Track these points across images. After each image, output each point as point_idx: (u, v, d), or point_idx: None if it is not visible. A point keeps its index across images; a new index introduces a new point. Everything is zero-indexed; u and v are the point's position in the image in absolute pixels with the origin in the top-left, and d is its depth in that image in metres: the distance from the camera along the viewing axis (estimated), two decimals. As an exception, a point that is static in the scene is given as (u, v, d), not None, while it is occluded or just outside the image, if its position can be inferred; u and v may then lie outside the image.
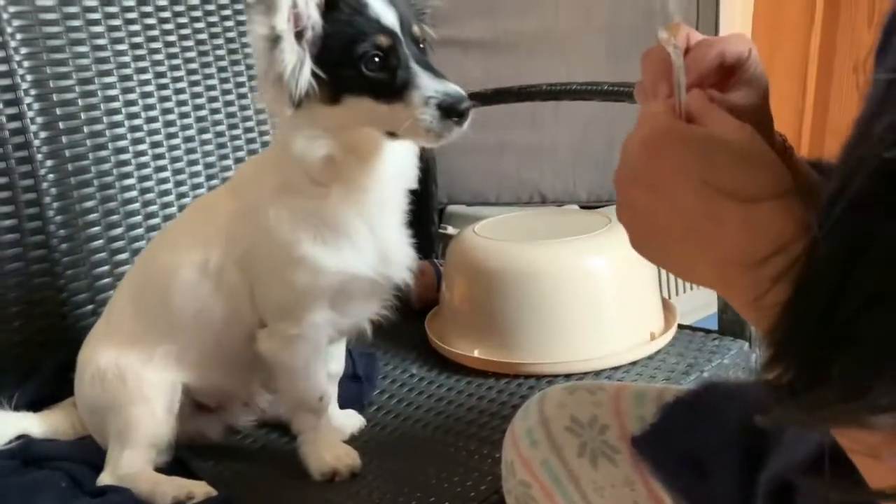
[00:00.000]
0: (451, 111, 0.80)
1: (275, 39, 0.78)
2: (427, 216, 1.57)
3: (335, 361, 1.03)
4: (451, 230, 1.71)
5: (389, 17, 0.83)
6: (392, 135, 0.85)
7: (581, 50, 1.67)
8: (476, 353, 1.16)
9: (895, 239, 0.32)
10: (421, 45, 0.86)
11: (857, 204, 0.34)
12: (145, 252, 1.05)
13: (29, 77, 1.16)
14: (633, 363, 1.14)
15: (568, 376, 1.11)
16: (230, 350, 0.95)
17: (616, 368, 1.12)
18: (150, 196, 1.28)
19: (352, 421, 1.05)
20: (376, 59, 0.81)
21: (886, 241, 0.32)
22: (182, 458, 0.98)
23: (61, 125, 1.19)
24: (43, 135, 1.17)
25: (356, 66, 0.81)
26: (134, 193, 1.26)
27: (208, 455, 1.01)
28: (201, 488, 0.91)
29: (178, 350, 0.95)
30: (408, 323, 1.29)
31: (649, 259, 0.49)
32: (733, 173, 0.43)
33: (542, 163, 1.74)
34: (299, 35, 0.79)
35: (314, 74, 0.81)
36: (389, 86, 0.81)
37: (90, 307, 1.21)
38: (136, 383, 0.93)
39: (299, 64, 0.79)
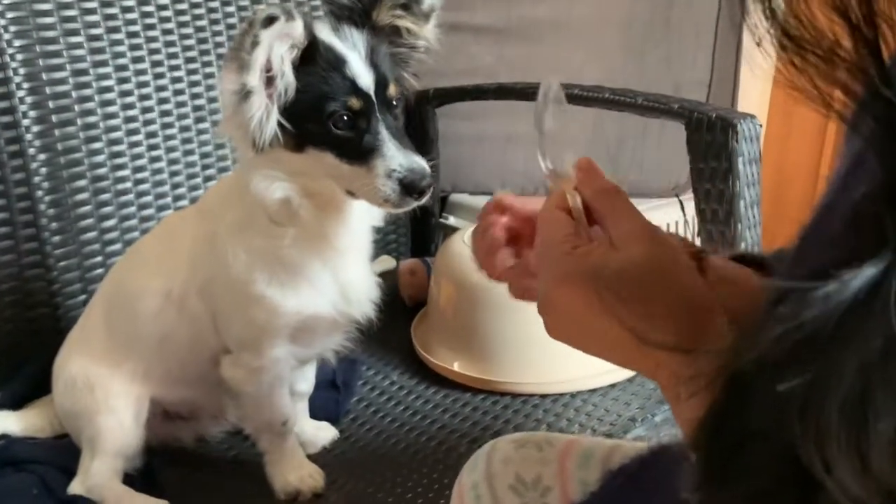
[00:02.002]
0: (411, 188, 0.79)
1: (245, 94, 0.76)
2: (427, 209, 1.56)
3: (304, 382, 1.04)
4: (452, 220, 1.69)
5: (365, 79, 0.80)
6: (350, 193, 0.84)
7: (596, 41, 1.62)
8: (455, 367, 1.16)
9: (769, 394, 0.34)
10: (394, 103, 0.83)
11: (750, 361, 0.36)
12: (117, 267, 1.06)
13: (22, 70, 1.16)
14: (612, 386, 1.13)
15: (544, 396, 1.11)
16: (195, 370, 0.97)
17: (593, 391, 1.12)
18: (144, 187, 1.29)
19: (324, 434, 1.07)
20: (345, 119, 0.80)
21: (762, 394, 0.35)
22: (153, 466, 1.00)
23: (54, 118, 1.19)
24: (35, 128, 1.17)
25: (324, 123, 0.79)
26: (128, 185, 1.27)
27: (180, 463, 1.03)
28: None
29: (144, 367, 0.97)
30: (397, 322, 1.29)
31: None
32: (638, 296, 0.48)
33: (550, 155, 1.71)
34: (269, 89, 0.77)
35: (280, 124, 0.79)
36: (356, 147, 0.80)
37: (82, 297, 1.22)
38: (104, 394, 0.96)
39: (266, 115, 0.77)
